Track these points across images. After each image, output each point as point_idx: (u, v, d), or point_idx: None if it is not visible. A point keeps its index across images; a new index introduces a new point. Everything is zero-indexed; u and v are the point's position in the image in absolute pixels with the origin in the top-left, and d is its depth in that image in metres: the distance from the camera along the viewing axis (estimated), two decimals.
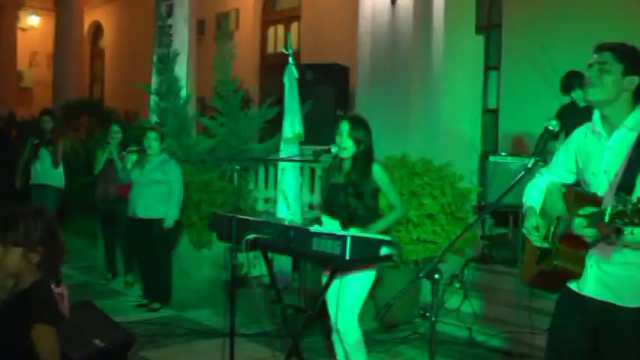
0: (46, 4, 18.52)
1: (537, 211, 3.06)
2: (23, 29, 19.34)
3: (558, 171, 3.17)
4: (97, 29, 19.11)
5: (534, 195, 3.15)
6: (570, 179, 3.14)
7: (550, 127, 2.91)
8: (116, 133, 8.16)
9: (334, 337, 4.61)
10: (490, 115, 9.26)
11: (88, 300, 5.41)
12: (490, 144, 9.13)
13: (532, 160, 2.88)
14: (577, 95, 6.46)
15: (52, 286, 2.88)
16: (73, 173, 9.72)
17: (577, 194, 2.88)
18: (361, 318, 4.46)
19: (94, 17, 18.72)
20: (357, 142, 4.47)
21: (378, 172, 4.48)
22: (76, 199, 10.11)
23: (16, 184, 9.05)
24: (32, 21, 19.66)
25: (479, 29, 8.74)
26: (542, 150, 2.92)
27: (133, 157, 7.59)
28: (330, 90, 9.42)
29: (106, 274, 8.56)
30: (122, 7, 17.60)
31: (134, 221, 7.24)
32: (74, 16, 16.75)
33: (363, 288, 4.45)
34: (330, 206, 4.64)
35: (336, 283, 4.38)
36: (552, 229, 2.93)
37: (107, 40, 18.68)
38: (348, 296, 4.41)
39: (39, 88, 18.81)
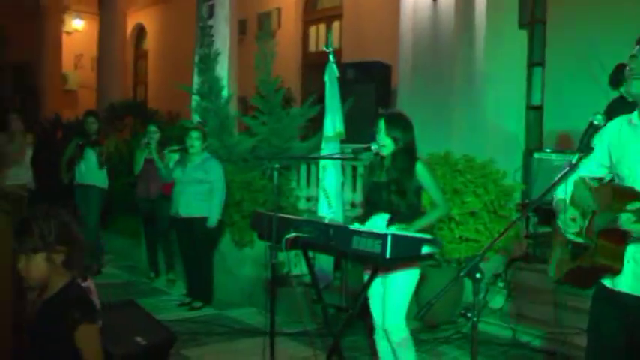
0: (90, 7, 18.73)
1: (568, 203, 2.98)
2: (68, 33, 19.59)
3: (590, 165, 3.04)
4: (140, 32, 19.32)
5: (563, 188, 3.06)
6: (600, 173, 3.02)
7: (595, 122, 2.81)
8: (154, 133, 8.21)
9: (376, 336, 4.58)
10: (534, 111, 9.08)
11: (131, 298, 5.51)
12: (534, 141, 8.96)
13: (576, 157, 2.80)
14: None
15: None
16: (117, 174, 9.82)
17: (615, 190, 2.78)
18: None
19: (137, 20, 18.93)
20: (394, 139, 4.44)
21: (420, 170, 4.42)
22: (119, 199, 10.23)
23: (64, 181, 9.12)
24: (77, 24, 19.91)
25: (522, 24, 8.60)
26: (587, 145, 2.83)
27: (175, 157, 7.62)
28: (371, 88, 9.33)
29: (149, 272, 8.66)
30: (164, 9, 17.77)
31: (177, 220, 7.29)
32: (118, 19, 16.95)
33: (407, 287, 4.40)
34: (372, 204, 4.60)
35: (378, 281, 4.36)
36: (586, 223, 2.85)
37: (150, 42, 18.87)
38: (393, 295, 4.38)
39: (84, 91, 19.06)
